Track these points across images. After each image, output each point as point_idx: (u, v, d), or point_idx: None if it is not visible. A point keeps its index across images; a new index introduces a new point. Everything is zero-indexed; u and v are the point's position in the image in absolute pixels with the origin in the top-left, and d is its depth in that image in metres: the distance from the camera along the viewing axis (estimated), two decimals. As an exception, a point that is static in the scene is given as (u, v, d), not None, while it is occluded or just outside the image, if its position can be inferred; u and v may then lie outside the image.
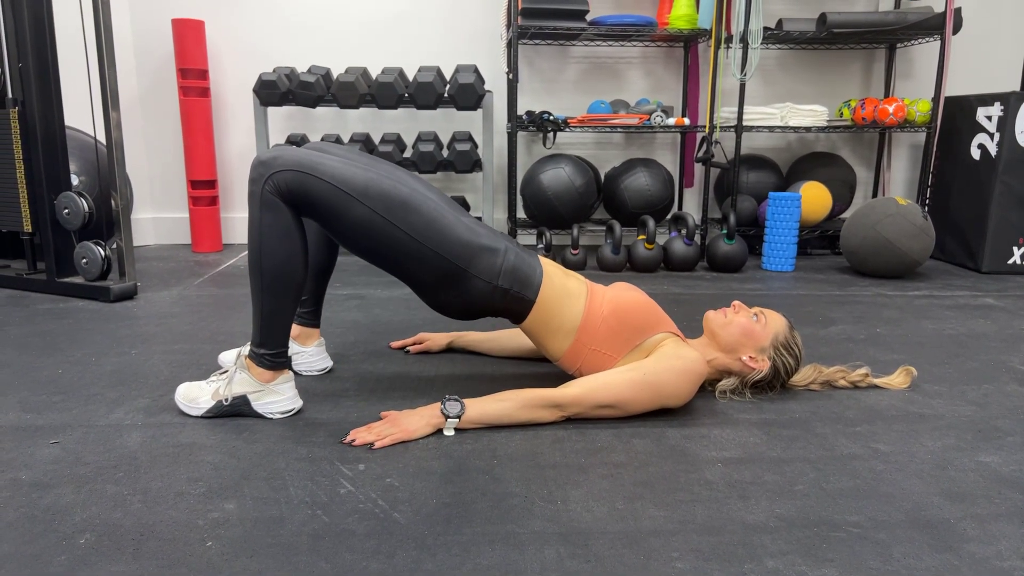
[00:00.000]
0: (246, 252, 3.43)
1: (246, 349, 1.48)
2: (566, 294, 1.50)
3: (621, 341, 1.49)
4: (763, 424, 1.47)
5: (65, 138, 2.50)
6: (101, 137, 3.26)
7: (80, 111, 3.35)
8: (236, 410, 1.45)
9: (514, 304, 1.48)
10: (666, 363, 1.43)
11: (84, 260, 2.47)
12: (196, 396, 1.46)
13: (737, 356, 1.56)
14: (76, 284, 2.48)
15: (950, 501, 1.17)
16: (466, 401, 1.41)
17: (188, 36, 3.23)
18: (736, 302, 1.60)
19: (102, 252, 2.46)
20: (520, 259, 1.48)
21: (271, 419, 1.46)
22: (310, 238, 1.63)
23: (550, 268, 1.53)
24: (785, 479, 1.24)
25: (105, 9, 2.34)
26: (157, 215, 3.67)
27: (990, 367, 1.86)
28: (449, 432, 1.39)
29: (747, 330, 1.55)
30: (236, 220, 3.70)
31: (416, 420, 1.38)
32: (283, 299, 1.40)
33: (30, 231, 2.52)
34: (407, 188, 1.40)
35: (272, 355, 1.43)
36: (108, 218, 2.90)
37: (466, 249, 1.41)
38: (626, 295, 1.53)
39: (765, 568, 0.98)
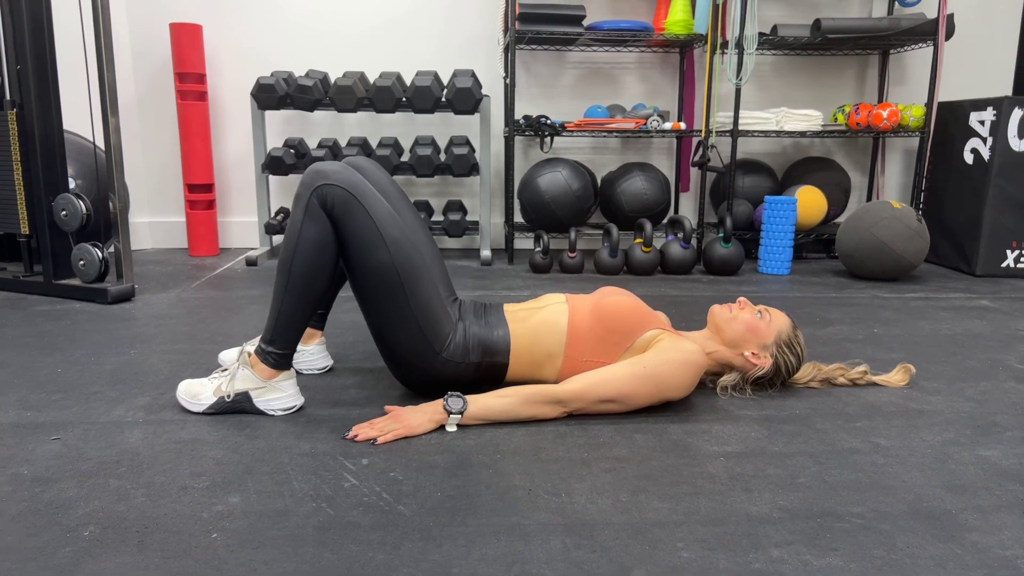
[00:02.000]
0: (243, 256, 3.42)
1: (249, 346, 1.48)
2: (541, 329, 1.51)
3: (610, 346, 1.49)
4: (764, 420, 1.48)
5: (63, 141, 2.49)
6: (99, 141, 3.26)
7: (78, 114, 3.35)
8: (238, 407, 1.45)
9: (489, 371, 1.51)
10: (665, 356, 1.43)
11: (82, 262, 2.47)
12: (198, 392, 1.46)
13: (740, 351, 1.57)
14: (73, 286, 2.47)
15: (951, 493, 1.18)
16: (468, 397, 1.41)
17: (186, 40, 3.24)
18: (742, 298, 1.61)
19: (100, 254, 2.45)
20: (483, 329, 1.51)
21: (273, 416, 1.46)
22: None
23: (515, 314, 1.55)
24: (787, 472, 1.24)
25: (105, 13, 2.35)
26: (153, 219, 3.66)
27: (987, 365, 1.88)
28: (451, 428, 1.39)
29: (751, 326, 1.56)
30: (233, 224, 3.70)
31: (419, 416, 1.38)
32: (303, 303, 1.40)
33: (27, 233, 2.51)
34: (425, 259, 1.44)
35: (279, 354, 1.43)
36: (105, 221, 2.90)
37: (442, 335, 1.46)
38: (608, 300, 1.52)
39: (770, 557, 0.98)
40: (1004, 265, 3.15)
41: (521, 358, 1.51)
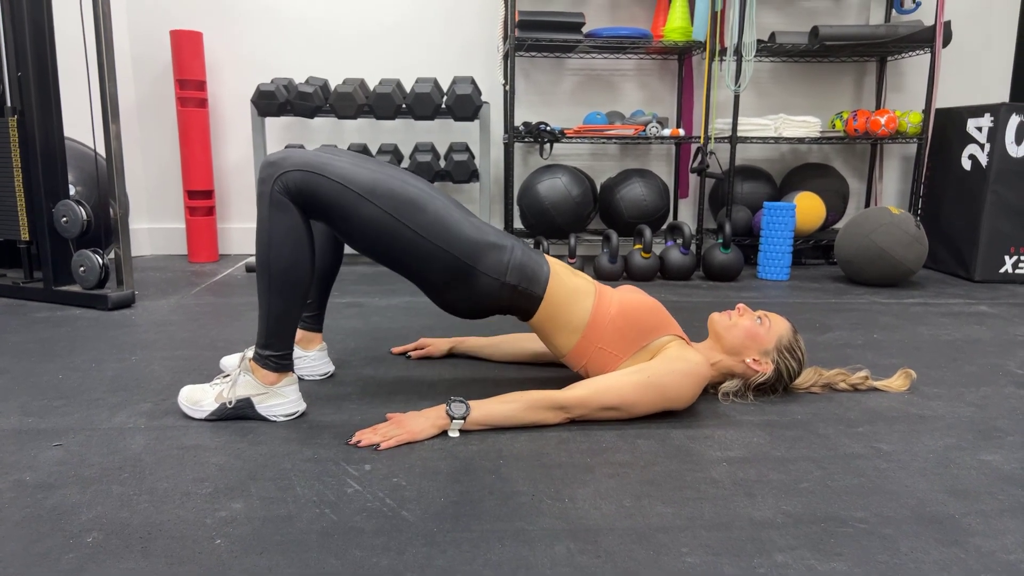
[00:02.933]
0: (243, 263, 3.42)
1: (250, 352, 1.48)
2: (574, 291, 1.51)
3: (628, 341, 1.50)
4: (766, 425, 1.48)
5: (64, 147, 2.50)
6: (100, 147, 3.26)
7: (79, 121, 3.35)
8: (240, 413, 1.45)
9: (522, 300, 1.48)
10: (670, 365, 1.44)
11: (82, 268, 2.47)
12: (199, 399, 1.46)
13: (741, 358, 1.58)
14: (73, 292, 2.47)
15: (954, 497, 1.18)
16: (471, 403, 1.41)
17: (186, 47, 3.25)
18: (741, 305, 1.62)
19: (100, 260, 2.45)
20: (527, 256, 1.49)
21: (275, 422, 1.46)
22: (315, 242, 1.64)
23: (557, 266, 1.54)
24: (790, 477, 1.24)
25: (106, 21, 2.35)
26: (153, 225, 3.66)
27: (987, 370, 1.88)
28: (454, 433, 1.39)
29: (751, 333, 1.56)
30: (233, 230, 3.70)
31: (421, 421, 1.38)
32: (289, 300, 1.40)
33: (28, 240, 2.51)
34: (414, 188, 1.41)
35: (277, 357, 1.43)
36: (106, 227, 2.90)
37: (474, 247, 1.42)
38: (633, 297, 1.54)
39: (774, 562, 0.98)
40: (1002, 271, 3.16)
41: (551, 305, 1.50)
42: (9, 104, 2.46)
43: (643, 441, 1.39)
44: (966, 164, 3.22)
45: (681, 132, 3.31)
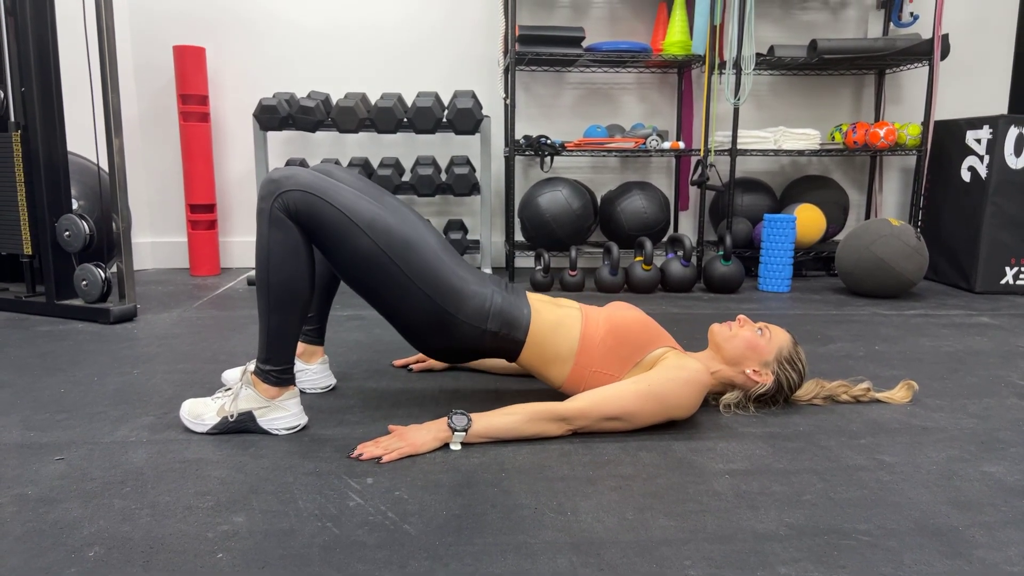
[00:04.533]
0: (245, 276, 3.43)
1: (251, 365, 1.48)
2: (558, 325, 1.52)
3: (620, 359, 1.50)
4: (768, 437, 1.48)
5: (67, 162, 2.51)
6: (103, 161, 3.27)
7: (82, 135, 3.37)
8: (241, 426, 1.45)
9: (505, 344, 1.50)
10: (670, 374, 1.44)
11: (84, 282, 2.47)
12: (201, 412, 1.46)
13: (741, 369, 1.58)
14: (76, 306, 2.48)
15: (957, 509, 1.18)
16: (472, 415, 1.41)
17: (189, 62, 3.27)
18: (741, 316, 1.62)
19: (102, 274, 2.46)
20: (507, 301, 1.50)
21: (277, 435, 1.46)
22: (316, 256, 1.64)
23: (538, 304, 1.55)
24: (793, 489, 1.24)
25: (110, 36, 2.37)
26: (155, 239, 3.67)
27: (989, 382, 1.88)
28: (456, 446, 1.39)
29: (751, 344, 1.56)
30: (234, 244, 3.71)
31: (423, 434, 1.38)
32: (289, 316, 1.40)
33: (30, 254, 2.52)
34: (410, 228, 1.42)
35: (278, 371, 1.43)
36: (108, 241, 2.91)
37: (456, 295, 1.43)
38: (621, 313, 1.54)
39: (777, 574, 0.98)
40: (1003, 282, 3.16)
41: (535, 344, 1.50)
42: (12, 119, 2.48)
43: (645, 453, 1.39)
44: (965, 176, 3.23)
45: (681, 145, 3.32)
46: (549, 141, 3.23)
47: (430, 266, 1.41)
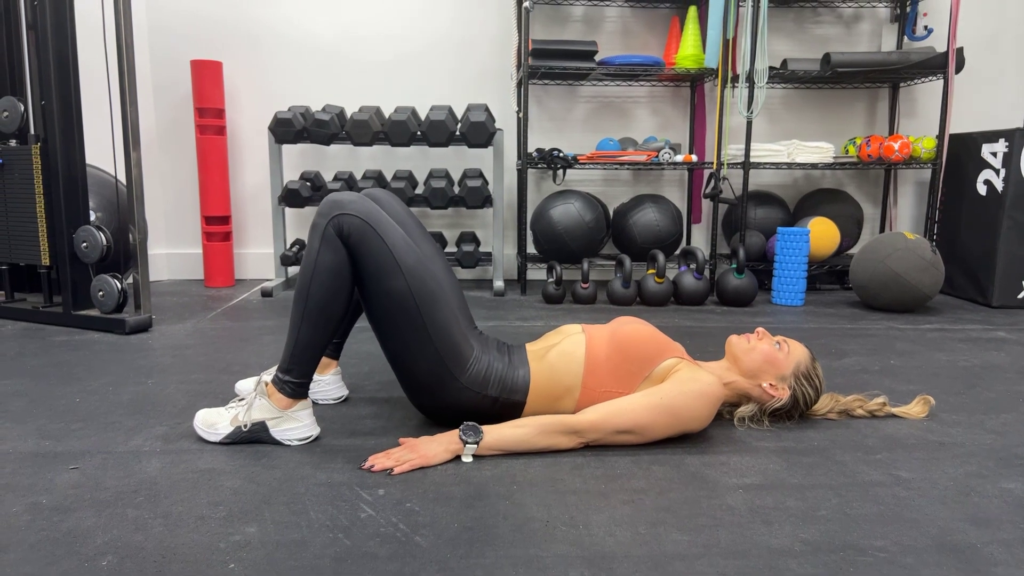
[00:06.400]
0: (259, 287, 3.45)
1: (266, 375, 1.49)
2: (559, 363, 1.51)
3: (629, 375, 1.49)
4: (782, 452, 1.47)
5: (85, 174, 2.54)
6: (120, 174, 3.31)
7: (100, 148, 3.41)
8: (254, 436, 1.45)
9: (506, 409, 1.50)
10: (682, 386, 1.43)
11: (101, 293, 2.50)
12: (215, 422, 1.47)
13: (758, 383, 1.56)
14: (92, 317, 2.50)
15: (976, 526, 1.16)
16: (484, 428, 1.41)
17: (206, 76, 3.31)
18: (760, 329, 1.61)
19: (118, 285, 2.48)
20: (505, 366, 1.50)
21: (289, 446, 1.46)
22: None
23: (535, 352, 1.55)
24: (808, 505, 1.23)
25: (129, 51, 2.41)
26: (171, 251, 3.71)
27: (1007, 397, 1.85)
28: (467, 458, 1.39)
29: (770, 357, 1.55)
30: (249, 256, 3.74)
31: (435, 446, 1.38)
32: (320, 332, 1.41)
33: (48, 265, 2.55)
34: (442, 286, 1.44)
35: (296, 383, 1.43)
36: (124, 252, 2.93)
37: (461, 360, 1.45)
38: (625, 328, 1.52)
39: (793, 591, 0.97)
40: (1021, 296, 3.12)
41: (539, 396, 1.50)
42: (33, 132, 2.52)
43: (658, 467, 1.38)
44: (981, 189, 3.21)
45: (694, 158, 3.32)
46: (562, 154, 3.23)
47: (448, 325, 1.44)
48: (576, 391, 1.50)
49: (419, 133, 3.22)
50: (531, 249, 3.76)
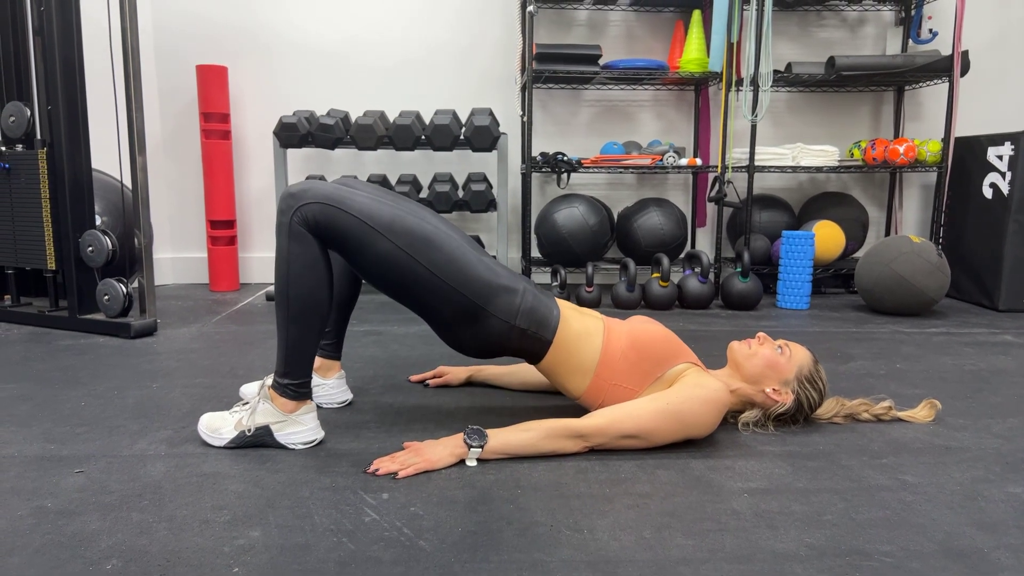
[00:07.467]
0: (264, 292, 3.46)
1: (269, 380, 1.49)
2: (584, 333, 1.51)
3: (641, 374, 1.49)
4: (787, 456, 1.46)
5: (91, 179, 2.55)
6: (126, 178, 3.33)
7: (106, 153, 3.43)
8: (259, 440, 1.45)
9: (531, 344, 1.49)
10: (689, 392, 1.43)
11: (106, 297, 2.50)
12: (219, 426, 1.47)
13: (760, 388, 1.56)
14: (97, 321, 2.51)
15: (982, 531, 1.15)
16: (489, 431, 1.41)
17: (211, 81, 3.32)
18: (761, 333, 1.60)
19: (124, 289, 2.49)
20: (538, 300, 1.50)
21: (293, 449, 1.46)
22: (334, 271, 1.65)
23: (567, 310, 1.55)
24: (813, 509, 1.22)
25: (135, 56, 2.42)
26: (176, 255, 3.72)
27: (1014, 401, 1.84)
28: (472, 462, 1.39)
29: (771, 362, 1.55)
30: (254, 260, 3.74)
31: (439, 450, 1.38)
32: (308, 329, 1.41)
33: (54, 269, 2.56)
34: (431, 225, 1.42)
35: (295, 385, 1.43)
36: (130, 257, 2.94)
37: (485, 288, 1.43)
38: (643, 327, 1.53)
39: (798, 596, 0.96)
40: (1027, 300, 3.11)
41: (560, 350, 1.50)
42: (39, 137, 2.53)
43: (663, 471, 1.37)
44: (987, 193, 3.20)
45: (698, 161, 3.32)
46: (566, 158, 3.24)
47: (456, 261, 1.41)
48: (588, 376, 1.50)
49: (423, 137, 3.22)
50: (535, 253, 3.75)
